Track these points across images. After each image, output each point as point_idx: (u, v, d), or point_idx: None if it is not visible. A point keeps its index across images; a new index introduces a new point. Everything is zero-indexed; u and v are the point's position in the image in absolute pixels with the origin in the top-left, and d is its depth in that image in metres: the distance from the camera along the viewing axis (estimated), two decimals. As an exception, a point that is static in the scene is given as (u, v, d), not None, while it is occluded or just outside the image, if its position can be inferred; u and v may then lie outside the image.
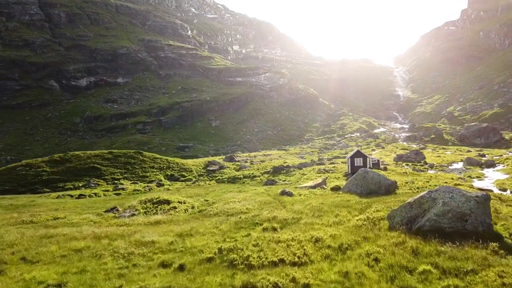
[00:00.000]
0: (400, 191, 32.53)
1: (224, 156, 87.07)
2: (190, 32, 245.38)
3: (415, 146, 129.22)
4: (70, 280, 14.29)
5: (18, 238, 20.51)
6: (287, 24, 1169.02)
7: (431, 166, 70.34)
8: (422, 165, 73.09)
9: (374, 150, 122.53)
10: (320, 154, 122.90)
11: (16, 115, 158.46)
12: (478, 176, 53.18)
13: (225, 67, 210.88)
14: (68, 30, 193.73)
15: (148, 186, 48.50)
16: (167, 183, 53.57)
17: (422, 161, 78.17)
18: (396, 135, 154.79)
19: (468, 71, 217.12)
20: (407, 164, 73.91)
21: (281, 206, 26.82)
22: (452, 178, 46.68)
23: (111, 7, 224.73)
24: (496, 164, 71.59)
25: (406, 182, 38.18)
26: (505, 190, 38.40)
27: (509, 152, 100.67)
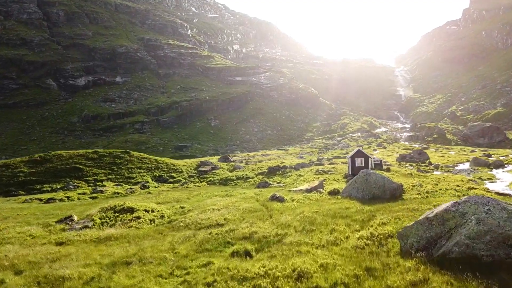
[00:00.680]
0: (407, 196, 27.88)
1: (219, 156, 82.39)
2: (190, 31, 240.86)
3: (417, 146, 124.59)
4: None
5: None
6: (288, 24, 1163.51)
7: (436, 167, 65.60)
8: (427, 165, 68.41)
9: (375, 150, 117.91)
10: (320, 154, 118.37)
11: (13, 115, 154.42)
12: (489, 178, 48.48)
13: (225, 66, 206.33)
14: (67, 29, 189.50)
15: (131, 188, 44.03)
16: (154, 185, 49.14)
17: (427, 161, 73.45)
18: (398, 135, 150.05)
19: (470, 71, 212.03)
20: (411, 165, 69.24)
21: (267, 216, 22.35)
22: (462, 180, 41.94)
23: (110, 5, 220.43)
24: (505, 165, 66.99)
25: (413, 186, 33.50)
26: (524, 194, 33.68)
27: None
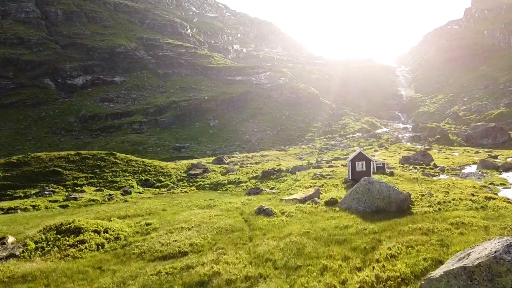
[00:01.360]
0: (417, 210, 23.34)
1: (214, 158, 77.82)
2: (189, 30, 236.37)
3: (419, 147, 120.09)
4: None
5: None
6: (288, 24, 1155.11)
7: (442, 170, 60.98)
8: (432, 168, 63.85)
9: (376, 151, 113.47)
10: (320, 155, 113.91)
11: (10, 114, 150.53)
12: (503, 183, 43.96)
13: (224, 66, 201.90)
14: (65, 28, 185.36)
15: (111, 195, 39.65)
16: (138, 190, 44.81)
17: (431, 163, 68.83)
18: (400, 135, 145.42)
19: (472, 71, 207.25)
20: (415, 167, 64.69)
21: (246, 239, 18.04)
22: (474, 187, 37.35)
23: (110, 5, 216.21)
24: (515, 167, 62.41)
25: (421, 195, 28.93)
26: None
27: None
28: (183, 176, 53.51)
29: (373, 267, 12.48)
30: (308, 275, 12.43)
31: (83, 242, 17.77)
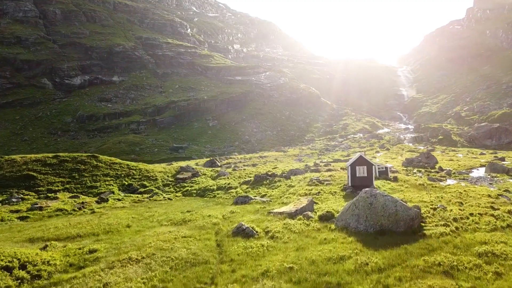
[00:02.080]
0: (430, 230, 18.79)
1: (207, 159, 73.17)
2: (189, 30, 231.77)
3: (422, 148, 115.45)
4: None
5: None
6: (289, 24, 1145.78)
7: (449, 174, 56.28)
8: (437, 171, 59.15)
9: (378, 152, 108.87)
10: (320, 156, 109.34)
11: (6, 114, 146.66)
12: (518, 190, 39.03)
13: (224, 66, 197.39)
14: (63, 27, 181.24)
15: (83, 203, 35.21)
16: (117, 196, 40.46)
17: (436, 166, 64.22)
18: (401, 136, 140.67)
19: (474, 71, 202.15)
20: (419, 171, 60.05)
21: (206, 280, 13.50)
22: (489, 195, 32.72)
23: (109, 4, 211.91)
24: (526, 171, 57.83)
25: (432, 208, 24.35)
26: None
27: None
28: (170, 181, 49.04)
29: None
30: None
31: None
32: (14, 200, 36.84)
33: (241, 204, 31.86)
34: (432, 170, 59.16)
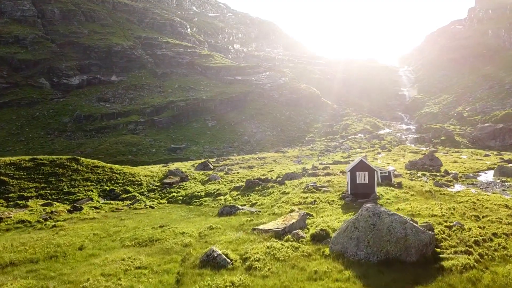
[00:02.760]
0: (450, 261, 14.89)
1: (200, 162, 69.13)
2: (189, 30, 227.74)
3: (424, 149, 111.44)
4: None
5: None
6: (290, 24, 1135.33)
7: (455, 178, 52.18)
8: (443, 175, 55.06)
9: (379, 153, 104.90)
10: (319, 158, 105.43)
11: (2, 114, 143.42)
12: (535, 199, 35.00)
13: (224, 66, 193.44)
14: (62, 27, 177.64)
15: (53, 212, 31.35)
16: (95, 203, 36.74)
17: (442, 169, 60.14)
18: (403, 137, 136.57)
19: (476, 71, 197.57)
20: (424, 174, 55.99)
21: None
22: (507, 205, 28.82)
23: (108, 3, 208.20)
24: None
25: (448, 227, 20.37)
26: None
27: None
28: (155, 186, 45.24)
29: None
30: None
31: None
32: (-23, 208, 33.09)
33: (226, 216, 28.00)
34: (438, 174, 55.14)
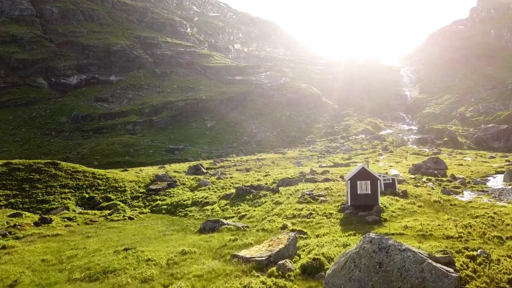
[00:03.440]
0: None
1: (192, 165, 65.24)
2: (189, 29, 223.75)
3: (427, 150, 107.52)
4: None
5: None
6: (291, 23, 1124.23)
7: (463, 183, 48.17)
8: (450, 180, 51.06)
9: (381, 155, 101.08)
10: (320, 159, 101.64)
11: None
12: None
13: (224, 66, 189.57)
14: (61, 26, 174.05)
15: (16, 226, 27.35)
16: (71, 214, 33.01)
17: (448, 174, 56.19)
18: (405, 137, 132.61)
19: (478, 71, 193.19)
20: (429, 179, 52.04)
21: None
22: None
23: (107, 3, 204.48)
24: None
25: (470, 258, 16.44)
26: None
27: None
28: (140, 192, 41.48)
29: None
30: None
31: None
32: None
33: (208, 232, 24.22)
34: (444, 179, 51.17)
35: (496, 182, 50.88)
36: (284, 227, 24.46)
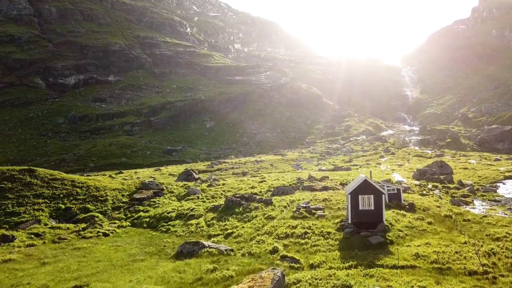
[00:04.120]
0: None
1: (183, 170, 61.55)
2: (189, 29, 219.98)
3: (430, 152, 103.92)
4: None
5: None
6: (291, 24, 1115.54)
7: (472, 191, 44.37)
8: (457, 187, 47.30)
9: (383, 157, 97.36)
10: (320, 161, 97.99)
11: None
12: None
13: (224, 66, 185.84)
14: (59, 26, 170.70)
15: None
16: (40, 229, 29.41)
17: (454, 179, 52.16)
18: (406, 138, 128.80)
19: (480, 71, 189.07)
20: (435, 186, 48.25)
21: None
22: None
23: (107, 2, 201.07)
24: None
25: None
26: None
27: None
28: (123, 202, 37.94)
29: None
30: None
31: None
32: None
33: (185, 258, 20.65)
34: (451, 186, 47.37)
35: (507, 189, 47.19)
36: (274, 251, 20.85)
